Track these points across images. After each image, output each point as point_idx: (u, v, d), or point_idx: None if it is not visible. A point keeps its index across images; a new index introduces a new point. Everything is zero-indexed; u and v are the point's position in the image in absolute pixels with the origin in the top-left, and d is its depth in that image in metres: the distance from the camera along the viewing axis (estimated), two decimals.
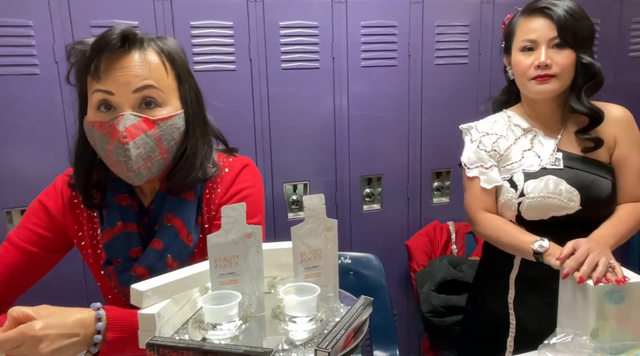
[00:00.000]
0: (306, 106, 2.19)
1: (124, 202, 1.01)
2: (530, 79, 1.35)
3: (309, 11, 2.11)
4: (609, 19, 2.49)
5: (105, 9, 1.89)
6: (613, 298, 1.21)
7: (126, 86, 0.90)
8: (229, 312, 0.61)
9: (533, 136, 1.43)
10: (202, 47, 2.02)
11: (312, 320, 0.62)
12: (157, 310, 0.62)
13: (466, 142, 1.51)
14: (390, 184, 2.37)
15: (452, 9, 2.30)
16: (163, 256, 0.96)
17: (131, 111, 0.91)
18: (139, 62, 0.92)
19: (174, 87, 0.96)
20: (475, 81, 2.38)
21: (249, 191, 1.04)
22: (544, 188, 1.35)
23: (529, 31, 1.35)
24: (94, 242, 1.05)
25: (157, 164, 0.96)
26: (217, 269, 0.65)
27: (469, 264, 2.15)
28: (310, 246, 0.68)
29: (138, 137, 0.90)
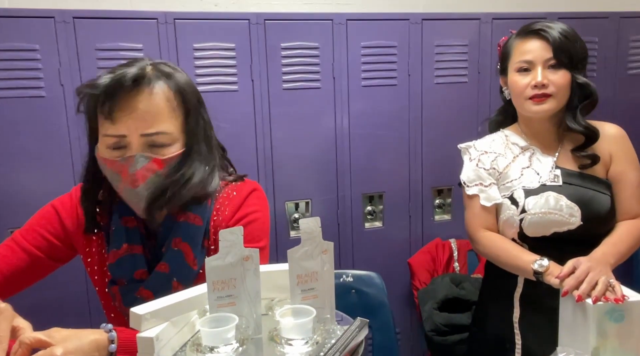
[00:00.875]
0: (308, 125, 2.22)
1: (130, 224, 1.03)
2: (527, 98, 1.38)
3: (309, 32, 2.16)
4: (607, 38, 2.52)
5: (110, 32, 1.93)
6: (614, 317, 1.21)
7: (137, 130, 0.93)
8: (226, 335, 0.62)
9: (531, 154, 1.45)
10: (204, 68, 2.06)
11: (308, 343, 0.63)
12: (155, 333, 0.63)
13: (465, 161, 1.53)
14: (391, 201, 2.38)
15: (451, 29, 2.34)
16: (169, 279, 0.98)
17: (141, 152, 0.93)
18: (148, 105, 0.93)
19: (180, 124, 0.98)
20: (474, 99, 2.41)
21: (255, 215, 1.05)
22: (544, 204, 1.36)
23: (525, 52, 1.38)
24: (101, 259, 1.07)
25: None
26: (215, 292, 0.66)
27: (471, 282, 2.15)
28: (306, 269, 0.69)
29: (149, 179, 0.93)
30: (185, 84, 0.99)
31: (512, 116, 1.55)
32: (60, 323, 0.85)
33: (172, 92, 0.96)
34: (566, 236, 1.37)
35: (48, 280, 1.13)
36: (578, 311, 1.24)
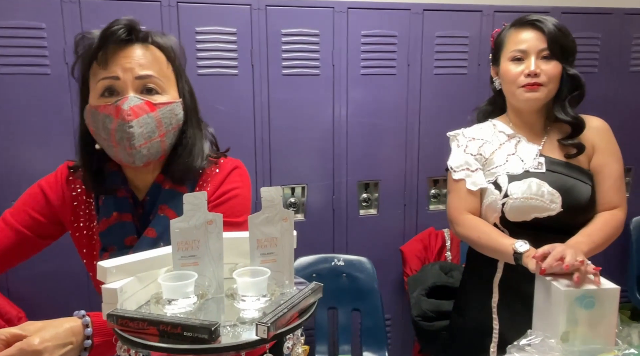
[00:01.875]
0: (306, 112, 2.25)
1: (119, 194, 1.07)
2: (519, 86, 1.41)
3: (310, 19, 2.19)
4: (610, 34, 2.51)
5: (115, 13, 1.96)
6: (584, 303, 1.23)
7: (130, 72, 0.97)
8: (185, 289, 0.67)
9: (517, 142, 1.47)
10: (206, 52, 2.10)
11: (261, 300, 0.68)
12: (120, 285, 0.68)
13: (453, 148, 1.56)
14: (387, 190, 2.42)
15: (452, 20, 2.35)
16: (156, 244, 1.01)
17: (135, 94, 0.98)
18: (141, 53, 0.99)
19: (172, 79, 1.04)
20: (474, 91, 2.42)
21: (237, 191, 1.09)
22: (527, 190, 1.39)
23: (520, 42, 1.41)
24: (90, 233, 1.11)
25: (156, 146, 1.01)
26: (180, 251, 0.71)
27: (460, 271, 2.17)
28: (266, 234, 0.74)
29: (141, 117, 0.97)
30: (177, 46, 1.05)
31: (500, 106, 1.57)
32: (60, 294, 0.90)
33: (165, 50, 1.02)
34: (546, 222, 1.39)
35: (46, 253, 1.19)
36: (550, 297, 1.28)
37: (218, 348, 0.60)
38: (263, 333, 0.61)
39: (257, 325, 0.61)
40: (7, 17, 1.89)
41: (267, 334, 0.61)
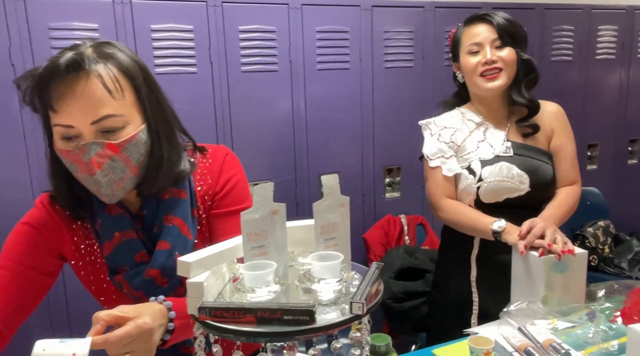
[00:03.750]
0: (266, 108, 2.27)
1: (114, 211, 1.02)
2: (479, 75, 1.54)
3: (266, 16, 2.20)
4: (533, 27, 2.77)
5: (64, 11, 1.88)
6: (559, 268, 1.39)
7: (83, 118, 0.89)
8: (267, 277, 0.69)
9: (485, 129, 1.60)
10: (162, 50, 2.05)
11: (339, 282, 0.71)
12: (204, 279, 0.69)
13: (426, 136, 1.65)
14: (346, 181, 2.49)
15: (398, 16, 2.48)
16: (172, 254, 1.00)
17: (94, 140, 0.90)
18: (91, 90, 0.89)
19: (132, 103, 0.94)
20: (420, 82, 2.57)
21: (236, 178, 1.10)
22: (499, 173, 1.52)
23: (473, 36, 1.55)
24: (93, 258, 1.05)
25: (131, 181, 0.97)
26: (249, 242, 0.73)
27: (422, 252, 2.32)
28: (328, 220, 0.77)
29: (105, 165, 0.90)
30: (127, 62, 0.94)
31: (464, 98, 1.70)
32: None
33: (114, 73, 0.91)
34: (515, 201, 1.54)
35: None
36: (529, 266, 1.42)
37: (319, 328, 0.64)
38: (359, 309, 0.65)
39: (352, 302, 0.65)
40: None
41: (363, 310, 0.65)
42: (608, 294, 1.41)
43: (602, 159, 3.09)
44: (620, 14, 2.99)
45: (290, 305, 0.64)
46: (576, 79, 2.92)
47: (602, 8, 2.94)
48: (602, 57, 2.99)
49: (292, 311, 0.63)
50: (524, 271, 1.44)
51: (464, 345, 1.30)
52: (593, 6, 2.92)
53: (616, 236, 2.89)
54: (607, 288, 1.44)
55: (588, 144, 3.05)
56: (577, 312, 1.32)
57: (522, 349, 1.13)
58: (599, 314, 1.29)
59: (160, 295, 0.88)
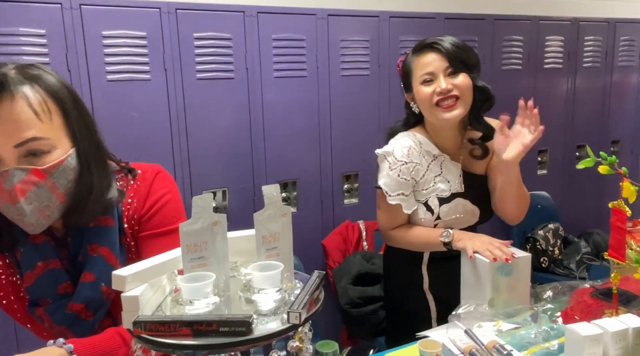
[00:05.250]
0: (222, 115, 2.26)
1: (39, 239, 0.96)
2: (434, 105, 1.50)
3: (221, 23, 2.20)
4: (484, 37, 2.87)
5: (11, 17, 1.82)
6: (504, 272, 1.44)
7: (5, 142, 0.83)
8: (205, 289, 0.69)
9: (441, 162, 1.60)
10: (114, 56, 2.01)
11: (279, 291, 0.72)
12: (139, 292, 0.68)
13: (383, 168, 1.59)
14: (304, 188, 2.51)
15: (354, 25, 2.52)
16: (97, 286, 0.95)
17: (17, 165, 0.84)
18: (17, 109, 0.84)
19: (59, 126, 0.89)
20: (376, 90, 2.61)
21: (167, 197, 1.02)
22: (455, 210, 1.57)
23: (424, 66, 1.51)
24: (15, 289, 1.00)
25: (58, 209, 0.91)
26: (189, 254, 0.72)
27: (379, 257, 2.34)
28: (269, 230, 0.78)
29: (29, 192, 0.85)
30: (55, 85, 0.89)
31: (413, 125, 1.66)
32: None
33: (41, 96, 0.87)
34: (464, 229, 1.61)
35: None
36: (476, 270, 1.46)
37: (256, 338, 0.64)
38: (295, 319, 0.66)
39: (289, 312, 0.66)
40: None
41: (299, 320, 0.66)
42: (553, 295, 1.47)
43: (552, 164, 3.21)
44: (566, 25, 3.13)
45: (227, 317, 0.64)
46: (526, 88, 3.02)
47: (549, 19, 3.06)
48: (550, 66, 3.11)
49: (228, 322, 0.64)
50: (472, 274, 1.48)
51: (414, 348, 1.33)
52: (541, 17, 3.04)
53: (565, 238, 3.01)
54: (552, 289, 1.50)
55: (538, 150, 3.17)
56: (522, 314, 1.37)
57: (467, 351, 1.17)
58: (541, 315, 1.34)
59: (60, 338, 0.82)
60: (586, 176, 3.15)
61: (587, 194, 3.34)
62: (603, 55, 3.29)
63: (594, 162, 1.26)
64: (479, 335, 1.23)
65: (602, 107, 3.36)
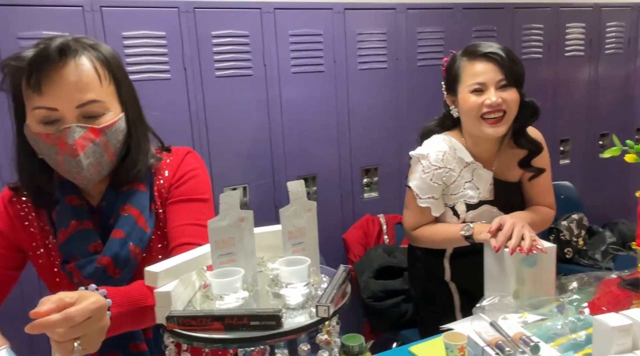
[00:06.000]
0: (242, 112, 2.28)
1: (74, 202, 1.04)
2: (480, 117, 1.48)
3: (239, 21, 2.21)
4: (503, 26, 2.83)
5: (34, 20, 1.86)
6: (528, 263, 1.43)
7: (69, 102, 0.93)
8: (235, 284, 0.70)
9: (473, 169, 1.59)
10: (135, 57, 2.04)
11: (306, 286, 0.73)
12: (171, 288, 0.69)
13: (417, 170, 1.59)
14: (324, 182, 2.52)
15: (370, 18, 2.50)
16: (125, 244, 1.01)
17: (77, 123, 0.94)
18: (77, 76, 0.94)
19: (112, 92, 1.00)
20: (394, 83, 2.60)
21: (196, 172, 1.11)
22: (481, 217, 1.57)
23: (477, 74, 1.48)
24: (46, 250, 1.07)
25: (107, 167, 1.01)
26: (218, 250, 0.74)
27: (401, 251, 2.34)
28: (295, 225, 0.79)
29: (87, 148, 0.95)
30: (110, 54, 1.01)
31: (448, 127, 1.65)
32: None
33: (98, 63, 0.97)
34: None
35: None
36: (499, 261, 1.46)
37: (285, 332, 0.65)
38: (324, 312, 0.67)
39: (318, 306, 0.67)
40: None
41: (328, 313, 0.67)
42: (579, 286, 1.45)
43: (574, 154, 3.16)
44: (587, 11, 3.07)
45: (257, 311, 0.66)
46: (547, 76, 2.98)
47: (570, 6, 3.01)
48: (571, 54, 3.06)
49: (258, 316, 0.65)
50: (496, 266, 1.48)
51: (439, 341, 1.33)
52: (561, 4, 2.98)
53: (589, 228, 2.96)
54: (578, 280, 1.49)
55: (560, 139, 3.12)
56: (547, 305, 1.36)
57: (493, 343, 1.16)
58: (568, 306, 1.33)
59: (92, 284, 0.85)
60: (610, 164, 3.10)
61: (611, 184, 3.28)
62: (626, 41, 3.22)
63: (620, 151, 1.24)
64: (504, 327, 1.22)
65: (625, 95, 3.29)
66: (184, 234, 1.03)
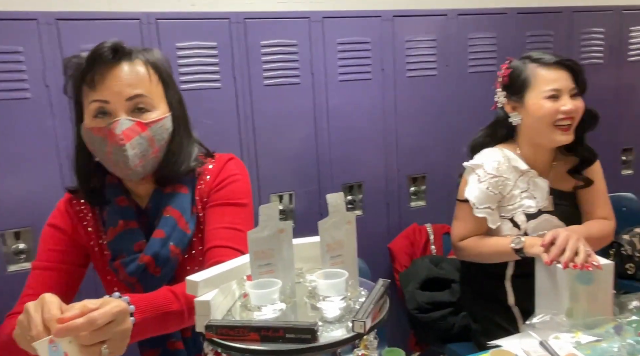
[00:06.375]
0: (289, 120, 2.30)
1: (122, 203, 1.11)
2: (553, 124, 1.48)
3: (287, 30, 2.24)
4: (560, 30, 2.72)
5: (94, 33, 1.96)
6: (583, 280, 1.36)
7: (119, 95, 1.01)
8: (272, 295, 0.71)
9: (529, 178, 1.56)
10: (187, 67, 2.11)
11: (343, 299, 0.73)
12: (211, 297, 0.71)
13: (472, 180, 1.57)
14: (370, 190, 2.50)
15: (420, 24, 2.47)
16: (166, 243, 1.06)
17: (126, 116, 1.01)
18: (128, 72, 1.02)
19: (160, 93, 1.07)
20: (443, 90, 2.55)
21: (236, 177, 1.15)
22: (542, 227, 1.51)
23: (553, 81, 1.48)
24: (100, 247, 1.14)
25: (151, 162, 1.06)
26: (257, 260, 0.75)
27: (448, 262, 2.29)
28: (334, 238, 0.79)
29: (133, 139, 1.01)
30: (160, 58, 1.09)
31: (498, 138, 1.63)
32: None
33: (149, 64, 1.05)
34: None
35: None
36: (552, 277, 1.39)
37: (321, 346, 0.65)
38: (360, 328, 0.66)
39: (354, 321, 0.66)
40: None
41: (364, 329, 0.66)
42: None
43: (637, 164, 2.99)
44: None
45: (293, 323, 0.66)
46: (607, 82, 2.83)
47: (633, 9, 2.85)
48: (635, 59, 2.89)
49: (294, 329, 0.65)
50: (548, 282, 1.41)
51: None
52: (624, 7, 2.83)
53: None
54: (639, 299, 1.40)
55: (622, 148, 2.96)
56: (603, 325, 1.29)
57: None
58: (626, 327, 1.25)
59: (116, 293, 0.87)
60: None
61: None
62: None
63: None
64: (555, 347, 1.17)
65: None
66: (217, 237, 1.06)
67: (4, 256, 1.95)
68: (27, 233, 1.96)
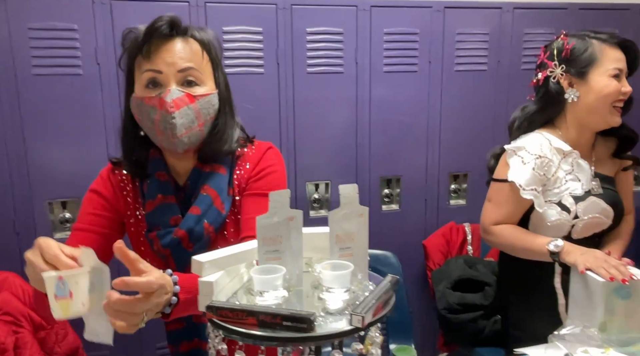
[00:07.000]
0: (330, 109, 2.29)
1: (162, 178, 1.15)
2: (612, 104, 1.45)
3: (334, 18, 2.22)
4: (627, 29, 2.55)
5: (145, 14, 1.99)
6: (621, 294, 1.28)
7: (172, 66, 1.05)
8: (275, 282, 0.71)
9: (572, 159, 1.50)
10: (233, 51, 2.14)
11: (347, 292, 0.72)
12: (215, 278, 0.72)
13: (515, 163, 1.52)
14: (408, 185, 2.45)
15: (473, 17, 2.38)
16: (200, 220, 1.10)
17: (176, 87, 1.05)
18: (182, 47, 1.07)
19: (209, 71, 1.11)
20: (493, 87, 2.46)
21: (274, 168, 1.17)
22: (592, 209, 1.46)
23: (617, 60, 1.45)
24: (137, 218, 1.19)
25: (195, 135, 1.09)
26: (264, 246, 0.75)
27: (484, 264, 2.22)
28: (344, 229, 0.78)
29: (182, 109, 1.05)
30: (212, 38, 1.13)
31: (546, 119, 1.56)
32: None
33: (202, 43, 1.10)
34: (597, 234, 1.50)
35: None
36: (588, 288, 1.32)
37: (317, 336, 0.64)
38: (358, 322, 0.65)
39: (352, 314, 0.65)
40: (41, 19, 1.91)
41: (362, 323, 0.65)
42: None
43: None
44: None
45: (290, 311, 0.66)
46: None
47: None
48: None
49: (291, 317, 0.65)
50: (583, 292, 1.35)
51: None
52: None
53: None
54: None
55: None
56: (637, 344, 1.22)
57: None
58: None
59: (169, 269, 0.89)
60: None
61: None
62: None
63: None
64: None
65: None
66: (251, 227, 1.07)
67: (51, 223, 2.06)
68: (72, 203, 2.06)
